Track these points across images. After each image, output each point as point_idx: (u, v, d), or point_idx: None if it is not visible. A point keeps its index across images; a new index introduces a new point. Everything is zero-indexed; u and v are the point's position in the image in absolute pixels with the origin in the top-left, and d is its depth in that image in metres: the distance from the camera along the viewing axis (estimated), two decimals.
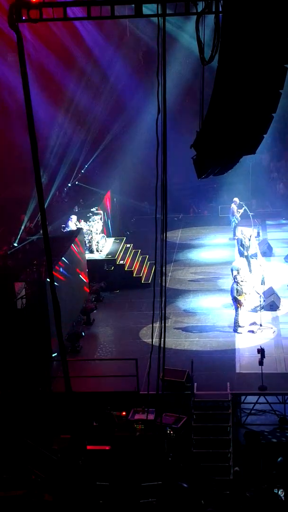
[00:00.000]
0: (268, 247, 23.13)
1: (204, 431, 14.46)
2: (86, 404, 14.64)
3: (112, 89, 28.70)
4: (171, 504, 10.14)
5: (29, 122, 5.80)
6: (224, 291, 19.69)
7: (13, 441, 13.15)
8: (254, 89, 7.14)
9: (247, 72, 7.02)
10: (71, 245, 19.83)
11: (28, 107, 5.79)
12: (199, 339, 17.72)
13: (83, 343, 17.86)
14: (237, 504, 10.59)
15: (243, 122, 7.32)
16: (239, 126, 7.33)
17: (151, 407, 13.78)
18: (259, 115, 7.31)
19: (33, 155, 5.81)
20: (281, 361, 16.19)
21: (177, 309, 19.62)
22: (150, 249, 8.09)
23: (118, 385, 15.43)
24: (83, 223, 22.49)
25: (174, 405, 14.48)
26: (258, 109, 7.26)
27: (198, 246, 25.05)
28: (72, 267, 19.67)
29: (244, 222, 23.77)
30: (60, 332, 6.54)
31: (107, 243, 23.14)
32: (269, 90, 7.16)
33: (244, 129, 7.38)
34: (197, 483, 11.23)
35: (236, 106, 7.18)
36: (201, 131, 7.47)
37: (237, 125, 7.32)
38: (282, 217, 27.17)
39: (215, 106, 7.18)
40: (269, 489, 10.90)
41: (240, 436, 14.87)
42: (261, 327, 17.69)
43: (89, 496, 10.34)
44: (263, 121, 7.36)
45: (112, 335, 19.12)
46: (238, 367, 16.13)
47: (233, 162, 8.04)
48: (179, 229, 26.68)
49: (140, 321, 18.83)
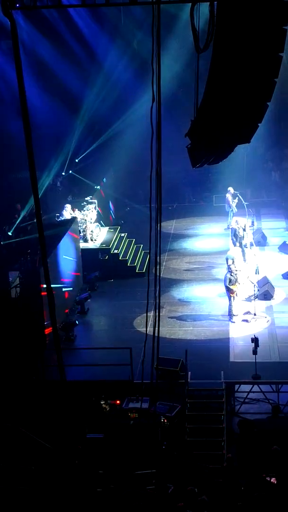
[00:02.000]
0: (262, 236, 23.16)
1: (198, 419, 14.53)
2: (80, 393, 14.67)
3: (107, 77, 28.52)
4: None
5: (23, 110, 5.76)
6: (219, 281, 19.72)
7: (7, 430, 13.17)
8: (249, 77, 7.11)
9: (242, 61, 6.98)
10: (66, 234, 19.81)
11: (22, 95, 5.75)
12: (193, 328, 17.77)
13: (77, 332, 17.87)
14: (230, 492, 10.66)
15: (238, 110, 7.30)
16: (233, 114, 7.31)
17: (145, 396, 13.84)
18: (254, 103, 7.29)
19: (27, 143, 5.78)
20: (274, 350, 16.26)
21: (171, 298, 19.65)
22: (144, 239, 8.06)
23: (112, 374, 15.47)
24: (78, 212, 22.44)
25: (168, 394, 14.53)
26: (253, 97, 7.23)
27: (193, 235, 25.06)
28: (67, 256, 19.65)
29: (238, 211, 23.77)
30: (55, 321, 6.53)
31: (102, 232, 23.11)
32: (264, 79, 7.13)
33: (238, 118, 7.36)
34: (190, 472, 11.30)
35: (230, 95, 7.15)
36: (195, 119, 7.44)
37: (231, 114, 7.30)
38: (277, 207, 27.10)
39: (210, 94, 7.16)
40: (263, 477, 10.97)
41: (234, 424, 14.94)
42: (255, 316, 17.74)
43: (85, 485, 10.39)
44: (258, 110, 7.33)
45: (106, 324, 19.16)
46: (232, 356, 16.19)
47: (228, 151, 8.02)
48: (173, 219, 26.65)
49: (135, 310, 18.87)
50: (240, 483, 10.82)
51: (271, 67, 7.10)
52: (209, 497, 9.79)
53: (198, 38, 7.39)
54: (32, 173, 5.89)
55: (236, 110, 7.31)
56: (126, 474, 11.55)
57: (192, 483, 11.07)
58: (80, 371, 15.76)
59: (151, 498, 10.15)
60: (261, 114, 7.42)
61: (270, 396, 15.35)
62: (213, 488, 10.97)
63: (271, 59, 7.05)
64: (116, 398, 14.86)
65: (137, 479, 11.06)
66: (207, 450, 13.94)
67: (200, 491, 10.30)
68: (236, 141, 7.80)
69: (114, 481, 11.28)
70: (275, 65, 7.09)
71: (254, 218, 24.14)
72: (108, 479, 11.40)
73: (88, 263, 21.40)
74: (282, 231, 24.50)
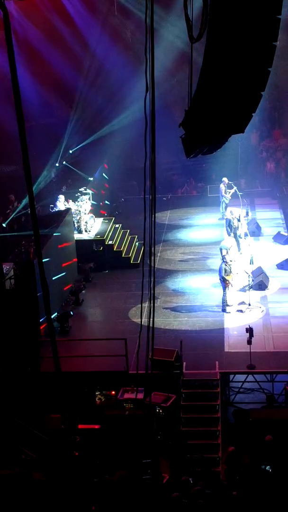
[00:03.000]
0: (257, 226, 23.17)
1: (193, 409, 14.58)
2: (76, 384, 14.70)
3: (100, 67, 28.41)
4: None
5: (16, 101, 5.72)
6: (213, 271, 19.73)
7: (2, 421, 13.18)
8: (242, 67, 7.07)
9: (235, 50, 6.95)
10: (60, 224, 19.77)
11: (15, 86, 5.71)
12: (188, 319, 17.80)
13: (72, 323, 17.87)
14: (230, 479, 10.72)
15: (232, 100, 7.26)
16: (227, 104, 7.28)
17: (140, 387, 13.86)
18: (248, 93, 7.26)
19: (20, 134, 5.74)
20: (269, 340, 16.31)
21: (166, 289, 19.66)
22: (139, 230, 8.06)
23: (108, 364, 15.50)
24: (72, 203, 22.39)
25: (163, 384, 14.58)
26: (247, 87, 7.20)
27: (187, 226, 25.05)
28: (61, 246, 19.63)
29: (233, 201, 23.77)
30: (49, 312, 6.52)
31: (96, 223, 23.07)
32: (258, 68, 7.09)
33: (232, 108, 7.33)
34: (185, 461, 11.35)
35: (224, 84, 7.12)
36: (189, 109, 7.41)
37: (225, 104, 7.26)
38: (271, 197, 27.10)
39: (204, 84, 7.12)
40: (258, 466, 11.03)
41: (229, 414, 15.03)
42: (249, 306, 17.78)
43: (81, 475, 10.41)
44: (252, 100, 7.30)
45: (101, 315, 19.17)
46: (226, 346, 16.23)
47: (222, 141, 7.99)
48: (168, 210, 26.63)
49: (129, 301, 18.88)
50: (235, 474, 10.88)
51: (265, 57, 7.06)
52: (204, 486, 9.84)
53: (191, 27, 7.34)
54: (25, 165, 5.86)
55: (229, 99, 7.27)
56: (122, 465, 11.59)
57: (186, 473, 11.14)
58: (75, 362, 15.78)
59: (146, 488, 10.19)
60: (255, 103, 7.39)
61: (265, 386, 15.43)
62: (208, 478, 11.02)
63: (265, 48, 7.01)
64: (111, 389, 14.89)
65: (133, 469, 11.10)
66: (202, 439, 14.01)
67: (195, 481, 10.35)
68: (230, 131, 7.76)
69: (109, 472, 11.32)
70: (269, 55, 7.06)
71: (248, 208, 24.14)
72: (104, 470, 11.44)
73: (83, 254, 21.37)
74: (276, 221, 24.52)
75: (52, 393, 12.09)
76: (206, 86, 7.15)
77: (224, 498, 9.56)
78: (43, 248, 17.72)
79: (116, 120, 27.37)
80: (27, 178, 5.95)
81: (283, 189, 27.38)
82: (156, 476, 10.68)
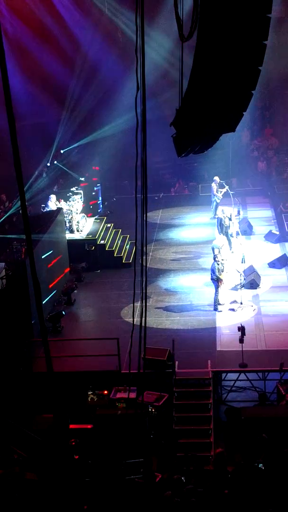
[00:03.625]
0: (248, 225, 23.23)
1: (185, 408, 14.60)
2: (68, 383, 14.68)
3: (91, 66, 28.36)
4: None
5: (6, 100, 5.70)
6: (205, 270, 19.76)
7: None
8: (233, 66, 7.09)
9: (226, 49, 6.96)
10: (51, 225, 19.73)
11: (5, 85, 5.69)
12: (180, 318, 17.82)
13: (64, 323, 17.85)
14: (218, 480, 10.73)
15: (223, 99, 7.28)
16: (218, 103, 7.29)
17: (132, 386, 13.86)
18: (238, 92, 7.27)
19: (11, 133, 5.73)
20: (261, 339, 16.35)
21: (158, 288, 19.67)
22: (130, 229, 8.06)
23: (100, 364, 15.48)
24: (63, 202, 22.36)
25: (155, 383, 14.58)
26: (237, 86, 7.22)
27: (179, 225, 25.07)
28: (53, 247, 19.59)
29: (224, 200, 23.82)
30: (41, 312, 6.50)
31: (88, 223, 23.05)
32: (249, 67, 7.11)
33: (223, 107, 7.34)
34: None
35: (215, 83, 7.13)
36: (180, 108, 7.41)
37: (216, 103, 7.28)
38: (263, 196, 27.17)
39: (195, 83, 7.13)
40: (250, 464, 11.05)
41: (221, 412, 15.05)
42: (241, 305, 17.82)
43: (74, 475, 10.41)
44: (243, 99, 7.31)
45: (93, 315, 19.15)
46: (218, 345, 16.26)
47: (213, 140, 7.99)
48: (160, 209, 26.64)
49: (121, 300, 18.88)
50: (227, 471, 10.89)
51: (255, 56, 7.08)
52: (196, 485, 9.85)
53: (182, 26, 7.35)
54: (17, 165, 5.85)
55: (220, 98, 7.28)
56: (114, 464, 11.59)
57: (179, 472, 11.15)
58: (67, 362, 15.76)
59: (138, 487, 10.20)
60: (245, 103, 7.41)
61: (257, 384, 15.46)
62: (200, 476, 11.03)
63: (255, 47, 7.03)
64: (103, 388, 14.88)
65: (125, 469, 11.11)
66: (194, 438, 14.03)
67: (188, 480, 10.37)
68: (221, 130, 7.78)
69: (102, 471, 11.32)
70: (259, 53, 7.08)
71: (240, 207, 24.19)
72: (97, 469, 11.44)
73: (75, 254, 21.35)
74: (268, 220, 24.59)
75: (45, 393, 12.06)
76: (197, 85, 7.16)
77: (216, 496, 9.58)
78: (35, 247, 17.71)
79: (108, 120, 27.34)
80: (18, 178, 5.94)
81: (274, 188, 27.46)
82: (148, 475, 10.68)
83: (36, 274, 6.66)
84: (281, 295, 18.57)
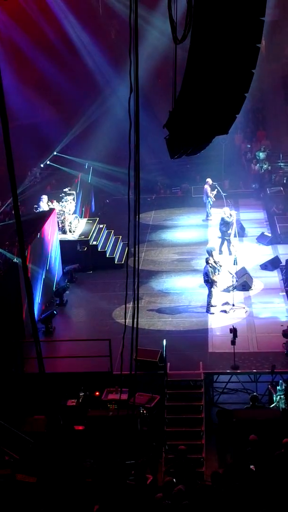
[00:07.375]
0: (241, 227, 23.25)
1: (177, 410, 14.59)
2: (60, 384, 14.65)
3: (85, 67, 28.37)
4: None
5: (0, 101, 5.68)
6: (198, 272, 19.78)
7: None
8: (226, 68, 7.10)
9: (219, 51, 6.97)
10: (44, 226, 19.68)
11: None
12: (172, 319, 17.82)
13: (56, 324, 17.81)
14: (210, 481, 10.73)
15: (216, 101, 7.28)
16: (211, 105, 7.29)
17: (124, 387, 13.84)
18: (231, 95, 7.28)
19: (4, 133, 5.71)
20: (253, 341, 16.38)
21: (150, 289, 19.66)
22: (123, 230, 8.05)
23: (92, 365, 15.47)
24: (56, 203, 22.32)
25: (147, 384, 14.58)
26: (230, 88, 7.22)
27: (172, 226, 25.06)
28: (45, 248, 19.55)
29: (217, 202, 23.85)
30: (33, 313, 6.49)
31: (80, 223, 23.02)
32: (242, 70, 7.12)
33: (216, 109, 7.35)
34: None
35: (208, 86, 7.14)
36: (173, 111, 7.42)
37: (209, 105, 7.28)
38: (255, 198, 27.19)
39: (188, 85, 7.14)
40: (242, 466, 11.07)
41: (213, 414, 15.05)
42: (233, 307, 17.83)
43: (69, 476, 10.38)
44: (236, 101, 7.32)
45: (85, 316, 19.12)
46: (210, 347, 16.28)
47: (206, 142, 8.00)
48: (152, 210, 26.62)
49: (113, 301, 18.85)
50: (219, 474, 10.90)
51: (248, 58, 7.09)
52: (187, 487, 9.84)
53: (175, 29, 7.35)
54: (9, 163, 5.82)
55: (213, 101, 7.29)
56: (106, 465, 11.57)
57: (170, 474, 11.15)
58: (59, 363, 15.72)
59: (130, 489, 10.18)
60: (238, 105, 7.42)
61: (248, 386, 15.48)
62: (191, 478, 11.03)
63: (249, 50, 7.04)
64: (95, 389, 14.86)
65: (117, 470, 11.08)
66: (186, 440, 14.01)
67: (178, 482, 10.36)
68: (214, 132, 7.78)
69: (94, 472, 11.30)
70: (252, 56, 7.09)
71: (232, 209, 24.18)
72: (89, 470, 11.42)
73: (67, 254, 21.31)
74: (260, 222, 24.62)
75: (36, 394, 12.03)
76: (190, 87, 7.17)
77: (208, 498, 9.58)
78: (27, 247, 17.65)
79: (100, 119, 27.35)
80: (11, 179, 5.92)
81: (266, 190, 27.52)
82: (139, 477, 10.66)
83: (28, 275, 6.66)
84: (273, 297, 18.61)
